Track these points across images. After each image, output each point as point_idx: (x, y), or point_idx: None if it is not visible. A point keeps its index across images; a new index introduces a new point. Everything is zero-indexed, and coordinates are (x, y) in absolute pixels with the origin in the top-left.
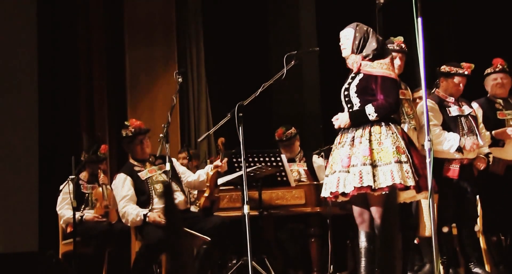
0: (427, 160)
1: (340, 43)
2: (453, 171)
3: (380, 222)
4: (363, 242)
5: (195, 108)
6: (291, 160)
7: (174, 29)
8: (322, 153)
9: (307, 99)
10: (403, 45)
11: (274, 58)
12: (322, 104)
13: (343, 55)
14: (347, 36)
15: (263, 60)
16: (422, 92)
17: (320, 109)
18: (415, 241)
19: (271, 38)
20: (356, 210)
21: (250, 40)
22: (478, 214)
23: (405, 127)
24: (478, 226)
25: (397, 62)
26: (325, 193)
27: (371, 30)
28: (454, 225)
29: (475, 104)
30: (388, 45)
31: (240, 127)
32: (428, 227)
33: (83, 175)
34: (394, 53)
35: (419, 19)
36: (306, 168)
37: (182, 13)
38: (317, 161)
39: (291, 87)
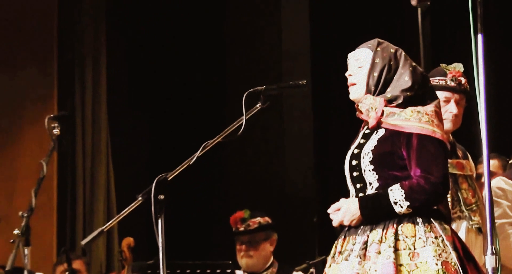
0: None
1: (347, 73)
2: None
3: None
4: None
5: (85, 183)
6: None
7: (55, 43)
8: (312, 269)
9: (291, 169)
10: (463, 80)
11: (233, 97)
12: (318, 180)
13: (352, 96)
14: (360, 61)
15: (213, 99)
16: (484, 162)
17: (313, 187)
18: None
19: (228, 63)
20: None
21: (189, 64)
22: None
23: (462, 226)
24: None
25: (452, 108)
26: None
27: (403, 53)
28: None
29: None
30: (435, 79)
31: (159, 220)
32: None
33: None
34: (446, 94)
35: (479, 37)
36: None
37: (71, 16)
38: None
39: (259, 150)
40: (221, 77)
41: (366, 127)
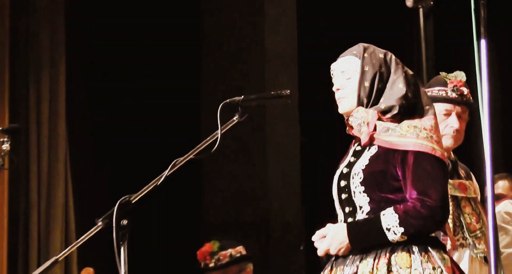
0: None
1: (334, 88)
2: None
3: None
4: None
5: (40, 207)
6: None
7: (7, 48)
8: None
9: (275, 190)
10: (466, 91)
11: (207, 108)
12: (306, 203)
13: (341, 110)
14: (348, 72)
15: (186, 110)
16: (487, 182)
17: (300, 211)
18: None
19: (204, 68)
20: None
21: (158, 70)
22: None
23: (465, 255)
24: None
25: (453, 122)
26: None
27: (393, 56)
28: None
29: None
30: (435, 89)
31: (122, 248)
32: None
33: None
34: (447, 106)
35: (482, 42)
36: None
37: (25, 18)
38: None
39: (238, 168)
40: (195, 84)
41: (357, 144)
